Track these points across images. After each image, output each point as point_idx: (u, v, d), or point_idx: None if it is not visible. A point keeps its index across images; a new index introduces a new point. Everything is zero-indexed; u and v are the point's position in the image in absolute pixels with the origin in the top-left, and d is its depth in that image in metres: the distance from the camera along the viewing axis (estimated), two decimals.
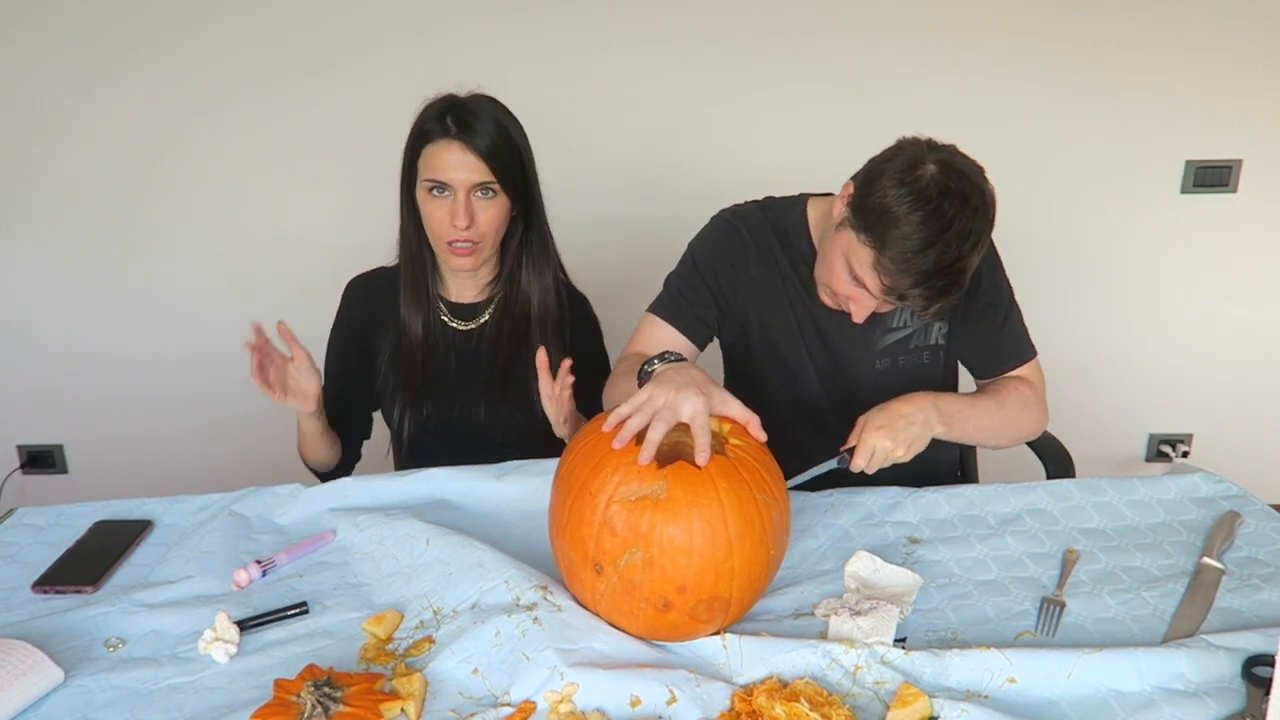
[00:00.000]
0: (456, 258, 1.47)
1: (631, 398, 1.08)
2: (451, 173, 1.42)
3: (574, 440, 1.11)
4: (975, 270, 1.40)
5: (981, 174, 1.27)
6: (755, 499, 1.02)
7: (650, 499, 0.99)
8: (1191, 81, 2.45)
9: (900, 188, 1.23)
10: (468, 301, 1.59)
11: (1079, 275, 2.59)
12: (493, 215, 1.46)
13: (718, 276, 1.48)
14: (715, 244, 1.50)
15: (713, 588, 1.00)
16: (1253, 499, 1.36)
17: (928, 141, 1.28)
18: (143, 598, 1.16)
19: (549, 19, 2.37)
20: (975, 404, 1.42)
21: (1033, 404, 1.48)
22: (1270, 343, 2.71)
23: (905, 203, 1.22)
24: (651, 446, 1.02)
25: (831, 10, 2.38)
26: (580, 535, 1.02)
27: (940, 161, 1.24)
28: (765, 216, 1.49)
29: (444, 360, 1.57)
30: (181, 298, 2.55)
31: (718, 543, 0.99)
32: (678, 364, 1.19)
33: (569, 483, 1.05)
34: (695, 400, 1.05)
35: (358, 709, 0.93)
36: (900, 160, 1.25)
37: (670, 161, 2.49)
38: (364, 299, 1.61)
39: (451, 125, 1.42)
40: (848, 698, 0.97)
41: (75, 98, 2.38)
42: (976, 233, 1.23)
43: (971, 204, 1.23)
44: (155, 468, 2.66)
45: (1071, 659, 0.99)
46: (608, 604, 1.04)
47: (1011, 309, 1.50)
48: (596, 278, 1.71)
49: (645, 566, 0.99)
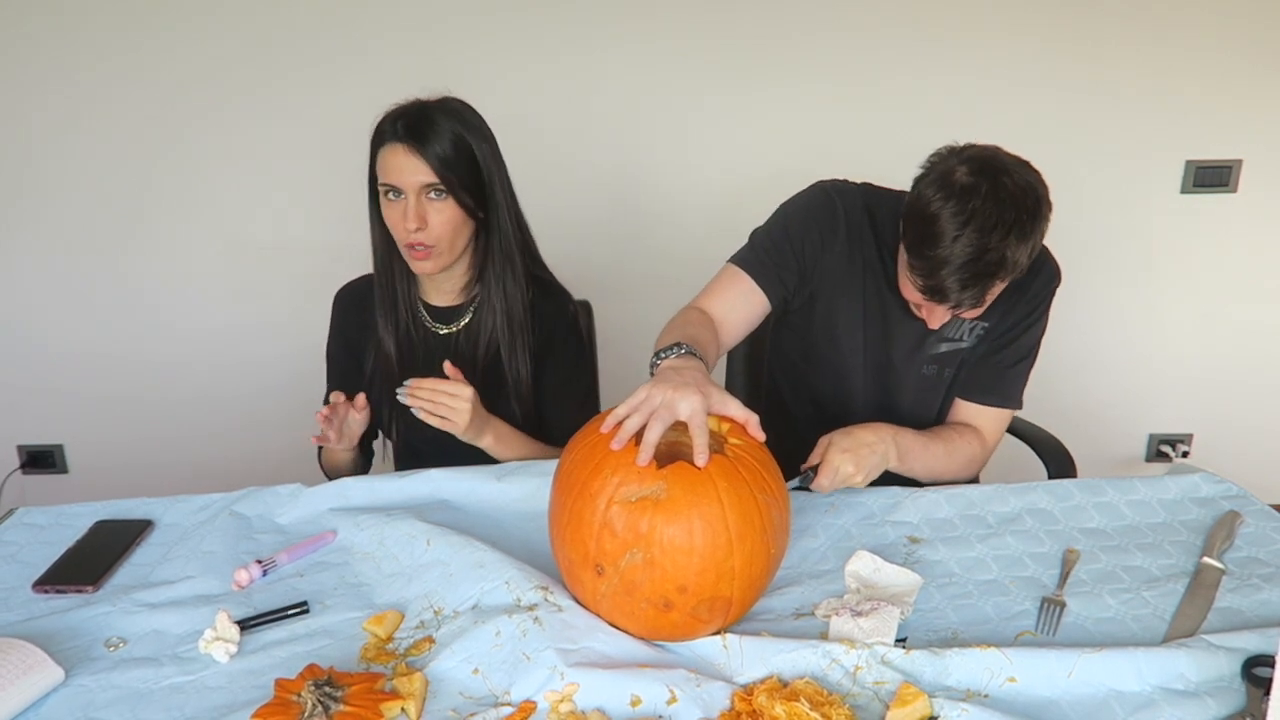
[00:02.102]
0: (416, 261, 1.48)
1: (629, 398, 1.08)
2: (399, 176, 1.42)
3: (573, 441, 1.11)
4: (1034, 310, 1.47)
5: (1022, 165, 1.29)
6: (755, 498, 1.02)
7: (650, 500, 0.99)
8: (1191, 81, 2.46)
9: (931, 189, 1.27)
10: (447, 305, 1.59)
11: (1079, 275, 2.56)
12: (446, 218, 1.44)
13: (805, 243, 1.47)
14: (809, 210, 1.49)
15: (714, 587, 1.00)
16: (1253, 499, 1.36)
17: (965, 146, 1.32)
18: (143, 597, 1.16)
19: (541, 22, 2.36)
20: (928, 446, 1.45)
21: (974, 463, 1.52)
22: (1270, 343, 2.71)
23: (935, 200, 1.26)
24: (649, 447, 1.02)
25: (826, 10, 2.38)
26: (580, 536, 1.02)
27: (970, 159, 1.28)
28: (864, 199, 1.49)
29: (426, 363, 1.57)
30: (181, 298, 2.55)
31: (718, 542, 0.99)
32: (677, 362, 1.19)
33: (568, 484, 1.05)
34: (693, 399, 1.05)
35: (358, 709, 0.93)
36: (937, 169, 1.30)
37: (658, 162, 2.49)
38: (351, 306, 1.62)
39: (400, 129, 1.42)
40: (848, 697, 0.97)
41: (75, 100, 2.38)
42: (1006, 222, 1.25)
43: (996, 196, 1.24)
44: (155, 468, 2.66)
45: (1071, 659, 0.99)
46: (609, 604, 1.04)
47: (1030, 358, 1.52)
48: (593, 279, 1.71)
49: (646, 567, 0.99)
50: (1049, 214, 1.31)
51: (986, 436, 1.53)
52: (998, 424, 1.54)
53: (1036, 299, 1.48)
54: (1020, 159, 1.31)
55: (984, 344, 1.50)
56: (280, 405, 2.58)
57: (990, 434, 1.54)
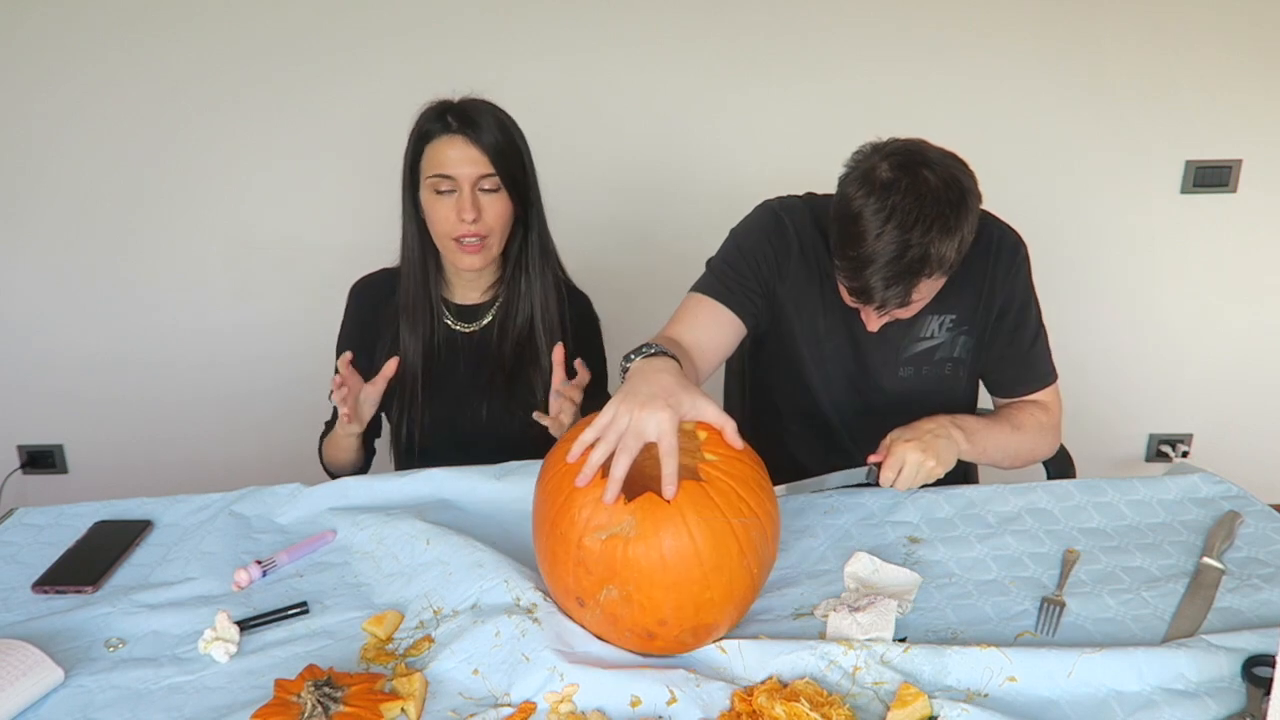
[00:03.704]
0: (465, 255, 1.47)
1: (597, 418, 1.03)
2: (455, 167, 1.43)
3: (544, 467, 1.07)
4: (1013, 290, 1.43)
5: (946, 159, 1.25)
6: (730, 524, 0.98)
7: (620, 537, 0.96)
8: (1191, 81, 2.45)
9: (852, 186, 1.25)
10: (471, 303, 1.60)
11: (1079, 275, 2.58)
12: (499, 210, 1.47)
13: (761, 264, 1.46)
14: (760, 232, 1.48)
15: (695, 618, 0.99)
16: (1253, 499, 1.36)
17: (889, 141, 1.28)
18: (143, 598, 1.16)
19: (549, 20, 2.36)
20: (991, 425, 1.43)
21: (1047, 429, 1.49)
22: (1270, 343, 2.71)
23: (856, 198, 1.23)
24: (616, 484, 0.97)
25: (831, 11, 2.38)
26: (558, 572, 1.02)
27: (891, 154, 1.24)
28: (810, 212, 1.48)
29: (448, 363, 1.57)
30: (182, 298, 2.55)
31: (692, 576, 0.96)
32: (651, 363, 1.12)
33: (541, 518, 1.04)
34: (660, 416, 1.00)
35: (358, 709, 0.93)
36: (861, 166, 1.27)
37: (670, 162, 2.49)
38: (369, 301, 1.62)
39: (453, 122, 1.44)
40: (847, 698, 0.97)
41: (76, 99, 2.38)
42: (928, 217, 1.21)
43: (916, 191, 1.21)
44: (155, 468, 2.66)
45: (1071, 659, 0.99)
46: (596, 630, 1.03)
47: (1040, 331, 1.50)
48: (596, 278, 1.71)
49: (624, 603, 0.98)
50: (976, 205, 1.27)
51: (1048, 406, 1.51)
52: (1049, 398, 1.52)
53: (1010, 275, 1.45)
54: (946, 151, 1.27)
55: (991, 345, 1.49)
56: (280, 405, 2.58)
57: (1050, 405, 1.51)
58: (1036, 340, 1.49)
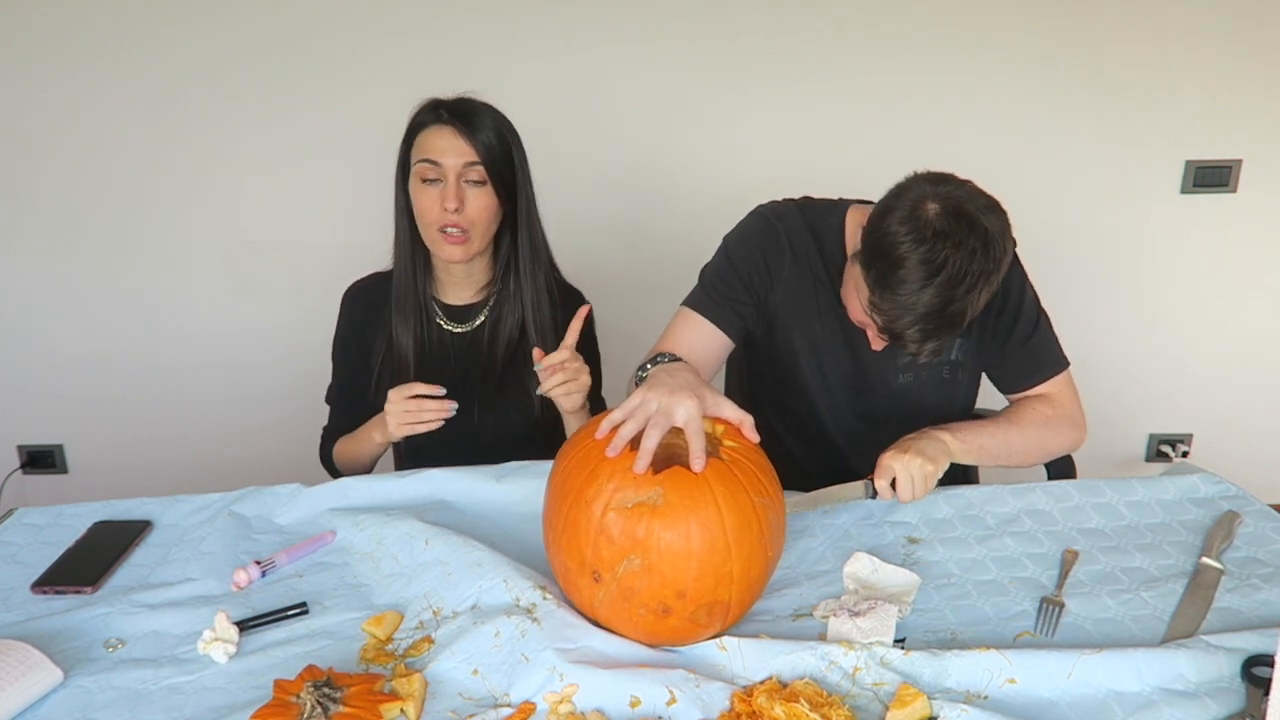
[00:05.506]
0: (448, 245, 1.48)
1: (624, 403, 1.08)
2: (441, 155, 1.45)
3: (566, 446, 1.11)
4: (1004, 287, 1.41)
5: (991, 211, 1.23)
6: (752, 501, 1.02)
7: (647, 505, 0.99)
8: (1191, 81, 2.45)
9: (901, 226, 1.21)
10: (463, 304, 1.60)
11: (1079, 275, 2.58)
12: (483, 204, 1.47)
13: (752, 273, 1.46)
14: (752, 240, 1.48)
15: (712, 592, 1.00)
16: (1252, 499, 1.36)
17: (940, 176, 1.26)
18: (142, 598, 1.16)
19: (545, 20, 2.36)
20: (985, 424, 1.43)
21: (1054, 421, 1.47)
22: (1270, 343, 2.71)
23: (905, 242, 1.20)
24: (647, 454, 1.02)
25: (828, 12, 2.37)
26: (577, 543, 1.02)
27: (943, 197, 1.22)
28: (804, 218, 1.48)
29: (440, 364, 1.57)
30: (181, 298, 2.55)
31: (716, 546, 0.99)
32: (671, 365, 1.19)
33: (563, 491, 1.05)
34: (688, 404, 1.05)
35: (357, 709, 0.93)
36: (907, 198, 1.24)
37: (665, 162, 2.49)
38: (361, 305, 1.62)
39: (444, 113, 1.47)
40: (847, 698, 0.97)
41: (75, 99, 2.38)
42: (974, 274, 1.21)
43: (968, 246, 1.20)
44: (155, 468, 2.66)
45: (1071, 659, 0.99)
46: (606, 611, 1.03)
47: (1040, 320, 1.49)
48: (590, 278, 1.71)
49: (644, 573, 0.99)
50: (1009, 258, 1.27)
51: (1052, 397, 1.50)
52: (1056, 389, 1.50)
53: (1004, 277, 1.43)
54: (989, 200, 1.25)
55: (990, 343, 1.48)
56: (279, 406, 2.58)
57: (1056, 396, 1.50)
58: (1037, 329, 1.49)
